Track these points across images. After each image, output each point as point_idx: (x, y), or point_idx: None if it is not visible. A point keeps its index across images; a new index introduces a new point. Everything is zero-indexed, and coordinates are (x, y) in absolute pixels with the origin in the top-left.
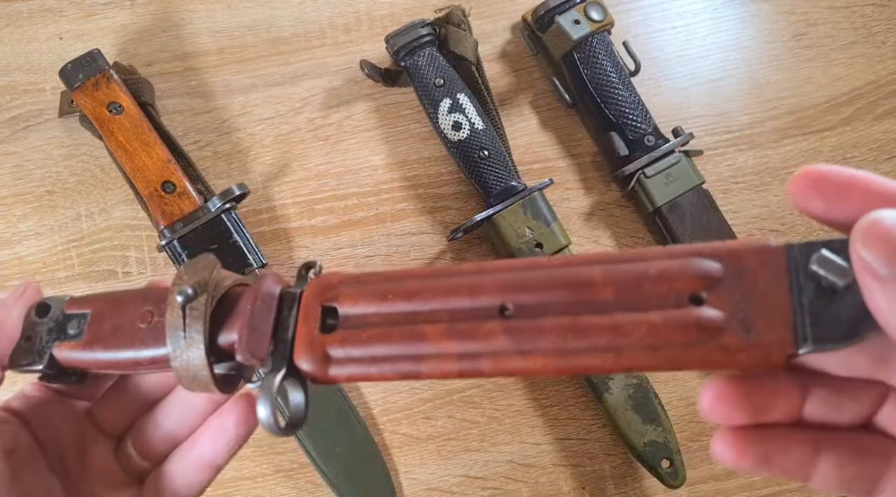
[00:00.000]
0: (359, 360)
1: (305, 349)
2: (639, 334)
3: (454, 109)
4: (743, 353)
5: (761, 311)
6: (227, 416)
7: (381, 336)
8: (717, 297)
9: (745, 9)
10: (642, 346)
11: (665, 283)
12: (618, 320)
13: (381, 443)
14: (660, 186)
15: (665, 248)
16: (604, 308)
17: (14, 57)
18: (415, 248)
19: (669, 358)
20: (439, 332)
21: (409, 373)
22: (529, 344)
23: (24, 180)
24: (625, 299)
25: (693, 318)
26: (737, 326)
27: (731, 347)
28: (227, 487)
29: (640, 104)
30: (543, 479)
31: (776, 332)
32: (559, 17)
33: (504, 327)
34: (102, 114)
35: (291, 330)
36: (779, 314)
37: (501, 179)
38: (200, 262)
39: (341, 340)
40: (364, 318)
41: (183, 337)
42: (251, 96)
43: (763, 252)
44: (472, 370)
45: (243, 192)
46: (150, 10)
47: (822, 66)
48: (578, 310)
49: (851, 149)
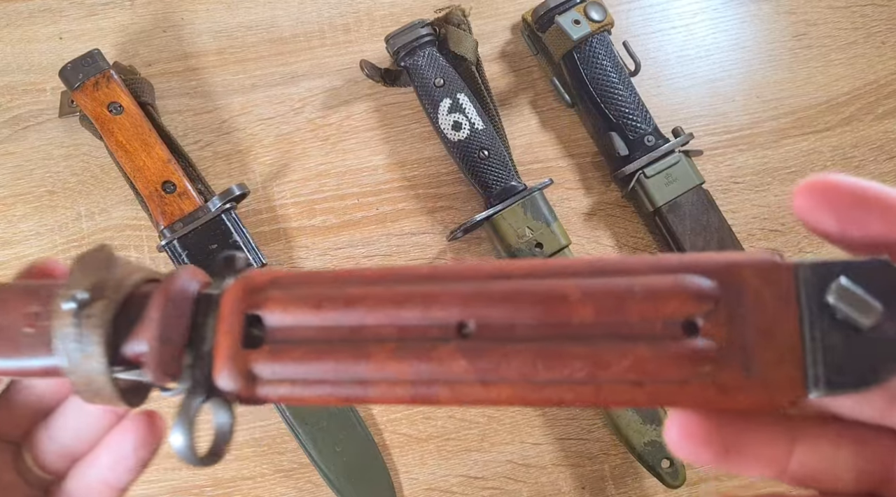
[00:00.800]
0: (292, 380)
1: (227, 366)
2: (622, 367)
3: (454, 109)
4: (743, 394)
5: (765, 343)
6: (125, 437)
7: (316, 354)
8: (714, 323)
9: (745, 9)
10: (626, 381)
11: (653, 304)
12: (597, 349)
13: (381, 443)
14: (660, 186)
15: (654, 260)
16: (581, 332)
17: (14, 57)
18: (415, 248)
19: (657, 395)
20: (386, 353)
21: (353, 397)
22: (493, 372)
23: (25, 180)
24: (605, 322)
25: (687, 350)
26: (736, 361)
27: (730, 386)
28: (228, 487)
29: (640, 104)
30: (543, 479)
31: (783, 369)
32: (559, 17)
33: (463, 350)
34: (102, 114)
35: (210, 342)
36: (786, 348)
37: (501, 179)
38: (96, 257)
39: (269, 356)
40: (296, 330)
41: (78, 349)
42: (251, 96)
43: (768, 270)
44: (426, 397)
45: (243, 192)
46: (150, 10)
47: (822, 66)
48: (551, 333)
49: (851, 149)
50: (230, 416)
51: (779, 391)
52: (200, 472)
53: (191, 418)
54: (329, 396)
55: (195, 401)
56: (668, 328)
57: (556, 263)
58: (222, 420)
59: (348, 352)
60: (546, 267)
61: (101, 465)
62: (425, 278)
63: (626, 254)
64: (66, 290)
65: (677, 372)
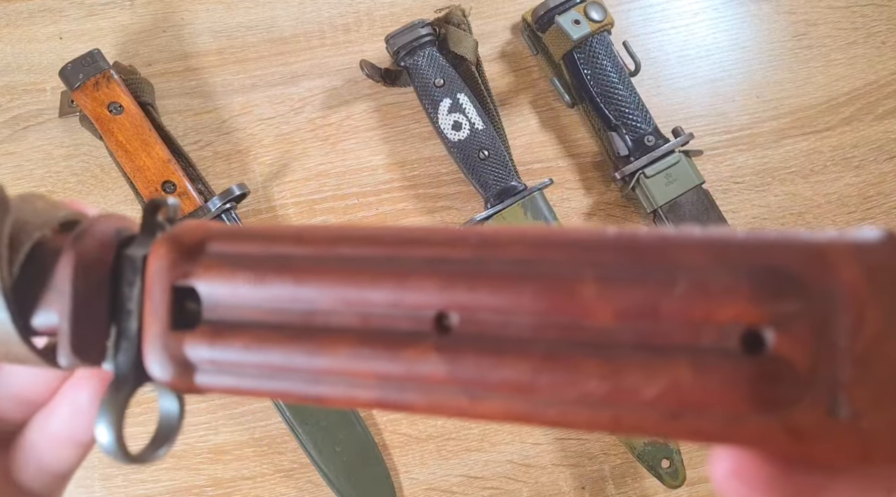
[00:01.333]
0: (235, 371)
1: (155, 351)
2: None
3: (454, 109)
4: (826, 444)
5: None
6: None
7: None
8: (791, 339)
9: (745, 9)
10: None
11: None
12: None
13: (381, 443)
14: (660, 186)
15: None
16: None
17: (14, 57)
18: None
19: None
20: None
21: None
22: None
23: (25, 180)
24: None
25: (748, 374)
26: (821, 396)
27: (808, 431)
28: (227, 487)
29: (640, 104)
30: (543, 479)
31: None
32: (559, 17)
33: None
34: (103, 114)
35: (136, 318)
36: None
37: (501, 179)
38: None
39: (206, 340)
40: (236, 308)
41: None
42: (251, 96)
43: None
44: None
45: (243, 192)
46: (150, 10)
47: (822, 66)
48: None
49: (851, 149)
50: (177, 402)
51: (879, 445)
52: (200, 473)
53: (118, 410)
54: (280, 392)
55: (122, 390)
56: (723, 340)
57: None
58: (168, 407)
59: (300, 341)
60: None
61: (60, 417)
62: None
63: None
64: None
65: (730, 404)
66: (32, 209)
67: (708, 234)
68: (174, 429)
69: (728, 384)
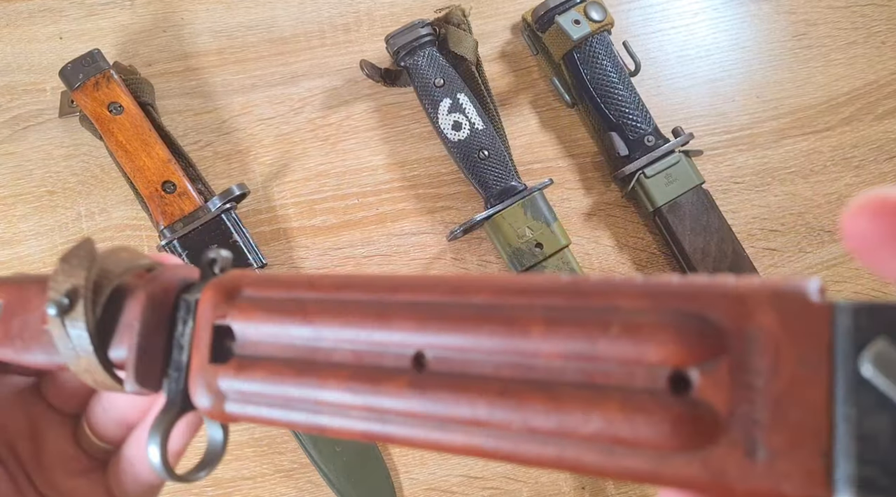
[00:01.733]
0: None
1: (197, 381)
2: (590, 427)
3: (454, 109)
4: (743, 485)
5: (780, 418)
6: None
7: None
8: (713, 380)
9: (745, 9)
10: (594, 448)
11: (634, 347)
12: (563, 399)
13: (381, 443)
14: (660, 186)
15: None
16: (546, 376)
17: (14, 57)
18: (415, 248)
19: (630, 468)
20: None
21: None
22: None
23: (25, 180)
24: (575, 366)
25: (672, 414)
26: (738, 436)
27: (726, 471)
28: (227, 487)
29: (640, 104)
30: (543, 479)
31: (800, 457)
32: (559, 17)
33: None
34: (103, 114)
35: (186, 353)
36: (809, 427)
37: (501, 179)
38: (76, 254)
39: (235, 373)
40: (261, 345)
41: (72, 350)
42: (251, 96)
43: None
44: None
45: (243, 192)
46: (150, 10)
47: (822, 66)
48: (512, 373)
49: (851, 149)
50: (222, 431)
51: (791, 487)
52: None
53: (164, 432)
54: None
55: (168, 415)
56: (652, 381)
57: (527, 282)
58: (213, 434)
59: (307, 374)
60: (514, 285)
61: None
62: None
63: (626, 254)
64: (50, 293)
65: (656, 442)
66: (116, 259)
67: (647, 282)
68: (218, 455)
69: (655, 423)
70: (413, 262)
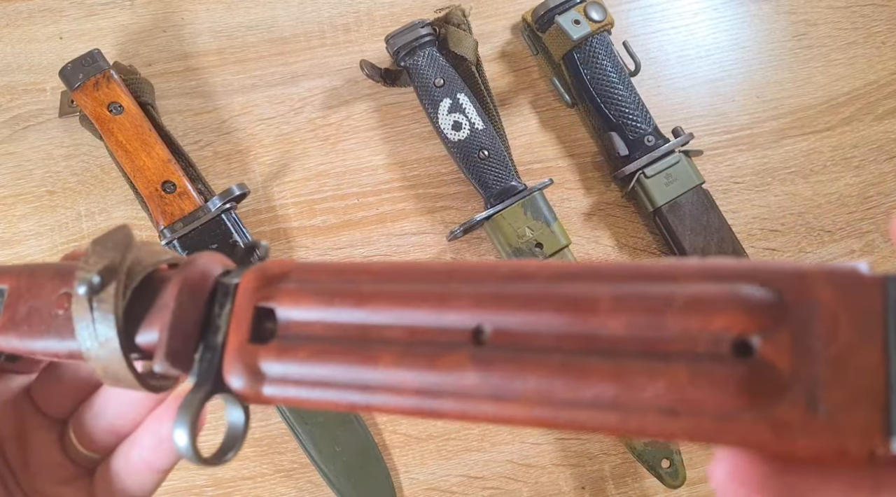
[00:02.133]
0: (297, 381)
1: (234, 361)
2: (653, 391)
3: (454, 109)
4: (805, 438)
5: (839, 377)
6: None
7: (323, 354)
8: (774, 345)
9: (745, 9)
10: (658, 409)
11: (698, 317)
12: (627, 368)
13: (381, 443)
14: (660, 186)
15: (705, 264)
16: (610, 347)
17: (14, 57)
18: (415, 248)
19: (695, 428)
20: (392, 357)
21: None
22: (506, 387)
23: (25, 180)
24: (639, 336)
25: (736, 376)
26: (800, 395)
27: (789, 426)
28: (227, 487)
29: (640, 104)
30: (543, 479)
31: (859, 411)
32: (559, 17)
33: (475, 360)
34: (103, 114)
35: (222, 334)
36: (866, 385)
37: (501, 179)
38: (112, 238)
39: (277, 353)
40: (306, 326)
41: (93, 334)
42: (251, 96)
43: (850, 284)
44: (431, 411)
45: (243, 192)
46: (150, 10)
47: (822, 66)
48: (576, 346)
49: (851, 149)
50: (243, 414)
51: (852, 438)
52: (200, 473)
53: (193, 414)
54: (333, 402)
55: (198, 395)
56: (715, 346)
57: (586, 266)
58: (234, 418)
59: (356, 354)
60: (575, 269)
61: (143, 446)
62: (440, 275)
63: (626, 254)
64: (80, 272)
65: (722, 402)
66: (149, 250)
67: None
68: (239, 438)
69: (720, 384)
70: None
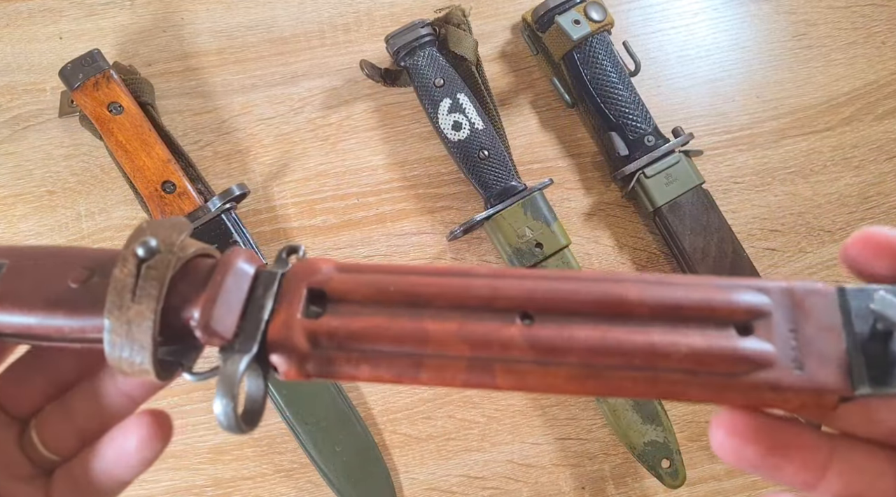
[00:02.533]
0: (347, 356)
1: (283, 333)
2: (678, 355)
3: (454, 109)
4: (793, 392)
5: (813, 349)
6: (130, 434)
7: (377, 329)
8: (767, 328)
9: (745, 9)
10: (682, 371)
11: (708, 308)
12: (655, 338)
13: (381, 443)
14: (660, 186)
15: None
16: (639, 322)
17: (14, 57)
18: (415, 248)
19: (711, 387)
20: (448, 332)
21: (406, 376)
22: (553, 355)
23: (25, 180)
24: (662, 317)
25: (741, 346)
26: (787, 362)
27: (781, 383)
28: (227, 487)
29: (640, 104)
30: (543, 479)
31: (829, 371)
32: (559, 17)
33: (525, 334)
34: (102, 114)
35: (268, 310)
36: (831, 353)
37: (501, 179)
38: (171, 221)
39: (329, 329)
40: (357, 307)
41: (130, 300)
42: (251, 96)
43: (816, 292)
44: (480, 381)
45: (243, 192)
46: (150, 10)
47: (822, 66)
48: (610, 323)
49: (851, 149)
50: (264, 384)
51: (827, 390)
52: (200, 473)
53: (235, 382)
54: (382, 375)
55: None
56: (723, 326)
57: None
58: (256, 389)
59: (408, 328)
60: (604, 274)
61: (105, 456)
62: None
63: (626, 254)
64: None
65: (731, 365)
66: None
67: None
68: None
69: (729, 352)
70: (413, 263)
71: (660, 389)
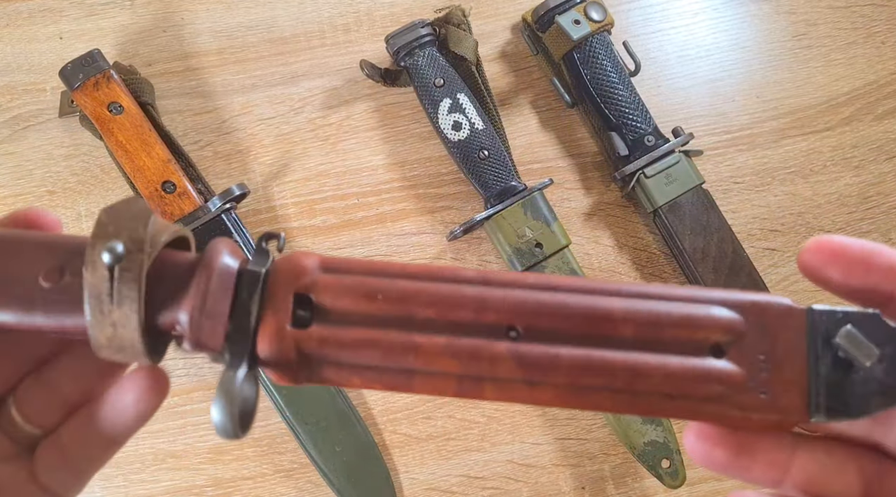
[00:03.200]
0: (338, 366)
1: (273, 344)
2: (656, 379)
3: (454, 109)
4: (758, 415)
5: (779, 374)
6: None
7: (367, 342)
8: (739, 352)
9: (745, 9)
10: (659, 393)
11: (687, 329)
12: (636, 360)
13: (381, 443)
14: (660, 186)
15: (690, 291)
16: (622, 345)
17: (14, 57)
18: (415, 248)
19: (685, 408)
20: (438, 347)
21: (399, 386)
22: (540, 374)
23: (25, 180)
24: (643, 338)
25: (714, 371)
26: (755, 386)
27: (748, 407)
28: (227, 487)
29: (640, 104)
30: (543, 479)
31: (791, 397)
32: (559, 17)
33: (513, 352)
34: (103, 114)
35: (254, 317)
36: (795, 379)
37: (501, 179)
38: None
39: (319, 340)
40: (346, 315)
41: (110, 303)
42: (251, 96)
43: (786, 313)
44: (471, 393)
45: (243, 192)
46: (150, 10)
47: (822, 66)
48: (594, 343)
49: (851, 149)
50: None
51: (787, 415)
52: (200, 473)
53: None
54: (373, 383)
55: (238, 377)
56: (699, 350)
57: (599, 283)
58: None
59: (398, 343)
60: (591, 284)
61: (99, 417)
62: (476, 282)
63: (626, 254)
64: (100, 239)
65: (704, 389)
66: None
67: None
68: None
69: (703, 376)
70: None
71: (638, 408)
